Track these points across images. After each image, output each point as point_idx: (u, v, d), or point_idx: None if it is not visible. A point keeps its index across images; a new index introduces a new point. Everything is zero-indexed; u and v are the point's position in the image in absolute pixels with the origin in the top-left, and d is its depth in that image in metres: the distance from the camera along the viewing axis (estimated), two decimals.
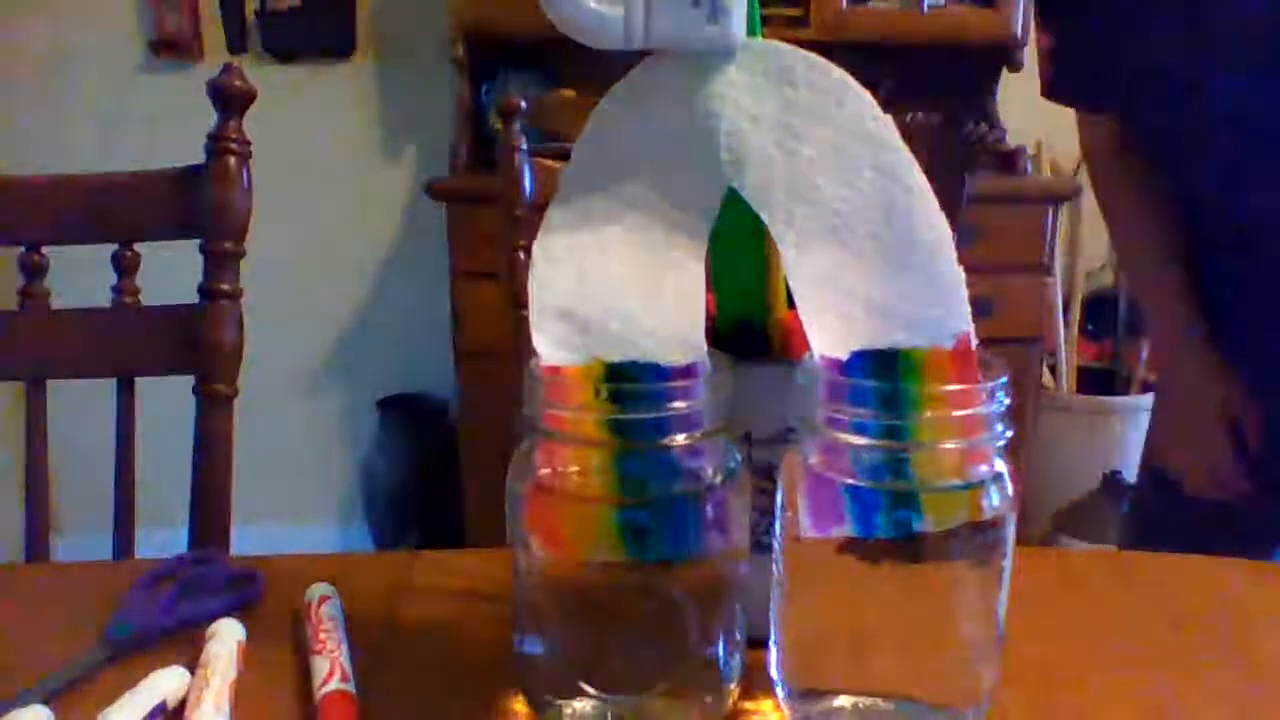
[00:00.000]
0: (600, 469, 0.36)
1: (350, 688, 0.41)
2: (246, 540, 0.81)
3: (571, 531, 0.37)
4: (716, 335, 0.40)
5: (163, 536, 0.82)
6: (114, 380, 0.78)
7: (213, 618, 0.46)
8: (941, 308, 0.36)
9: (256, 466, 1.92)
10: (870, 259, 0.37)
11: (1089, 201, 2.23)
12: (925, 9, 2.03)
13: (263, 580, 0.52)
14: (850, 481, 0.35)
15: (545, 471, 0.37)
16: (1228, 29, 0.75)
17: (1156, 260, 0.92)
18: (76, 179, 0.77)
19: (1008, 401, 0.35)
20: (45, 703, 0.40)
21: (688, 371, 0.37)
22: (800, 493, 0.36)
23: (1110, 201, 0.97)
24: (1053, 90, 0.93)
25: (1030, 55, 2.07)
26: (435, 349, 2.18)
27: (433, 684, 0.44)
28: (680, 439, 0.35)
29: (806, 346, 0.37)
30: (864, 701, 0.38)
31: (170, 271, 0.87)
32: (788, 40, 0.37)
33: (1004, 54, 2.11)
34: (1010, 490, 0.36)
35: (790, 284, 0.38)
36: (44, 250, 0.78)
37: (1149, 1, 0.78)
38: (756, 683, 0.41)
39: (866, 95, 0.37)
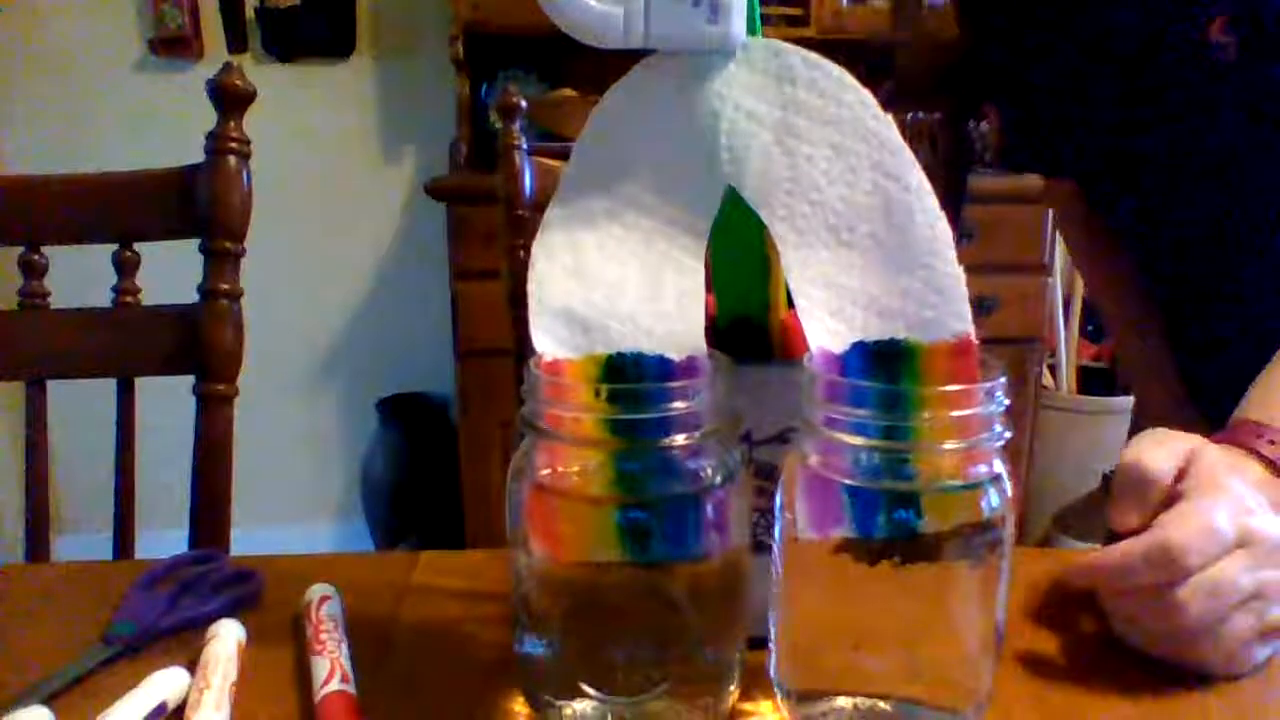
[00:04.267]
0: (600, 469, 0.36)
1: (350, 688, 0.41)
2: (246, 540, 0.82)
3: (571, 532, 0.37)
4: (716, 335, 0.40)
5: (163, 536, 0.82)
6: (114, 380, 0.78)
7: (213, 618, 0.46)
8: (941, 307, 0.36)
9: (256, 466, 1.92)
10: (870, 258, 0.37)
11: None
12: (925, 9, 2.03)
13: (262, 580, 0.52)
14: (850, 482, 0.35)
15: (545, 472, 0.37)
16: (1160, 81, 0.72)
17: (1135, 319, 0.89)
18: (76, 179, 0.77)
19: (1007, 402, 0.35)
20: (45, 703, 0.40)
21: (688, 371, 0.37)
22: (800, 493, 0.36)
23: (1079, 257, 0.96)
24: (1007, 160, 0.91)
25: None
26: (435, 349, 2.18)
27: (433, 684, 0.44)
28: (680, 439, 0.35)
29: (806, 347, 0.37)
30: (863, 702, 0.38)
31: (170, 271, 0.87)
32: (788, 39, 0.37)
33: None
34: (1009, 491, 0.36)
35: (790, 283, 0.38)
36: (44, 250, 0.78)
37: (1084, 72, 0.76)
38: (756, 683, 0.41)
39: (866, 94, 0.37)
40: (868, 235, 0.37)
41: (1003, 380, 0.35)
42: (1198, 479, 0.46)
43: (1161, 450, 0.48)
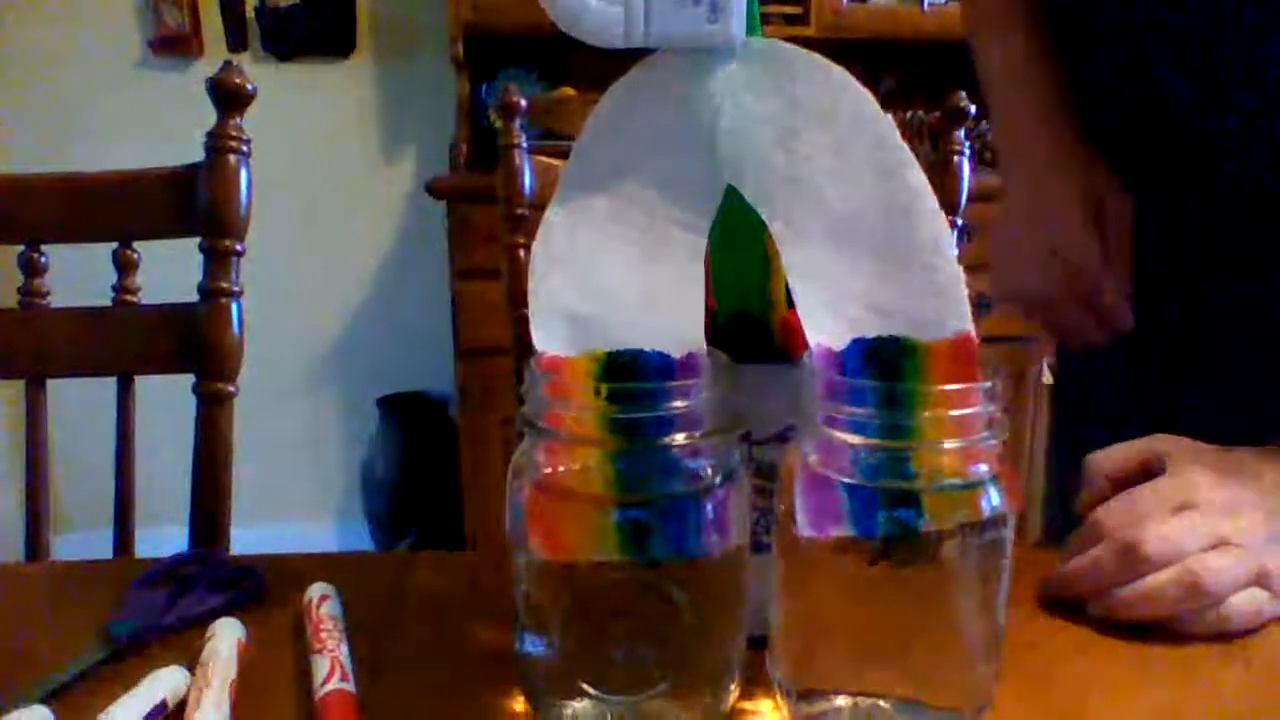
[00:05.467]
0: (600, 468, 0.36)
1: (350, 687, 0.41)
2: (246, 539, 0.82)
3: (571, 531, 0.37)
4: (716, 334, 0.40)
5: (163, 536, 0.82)
6: (114, 380, 0.78)
7: (212, 617, 0.46)
8: (941, 307, 0.36)
9: (256, 466, 1.92)
10: (870, 258, 0.37)
11: None
12: (925, 7, 2.03)
13: (263, 579, 0.52)
14: (850, 481, 0.35)
15: (545, 471, 0.37)
16: None
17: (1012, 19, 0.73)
18: (76, 178, 0.77)
19: (1006, 401, 0.35)
20: (45, 703, 0.40)
21: (688, 370, 0.37)
22: (800, 492, 0.36)
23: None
24: None
25: None
26: (435, 348, 2.18)
27: (433, 684, 0.44)
28: (680, 438, 0.35)
29: (806, 346, 0.37)
30: (863, 702, 0.38)
31: (170, 271, 0.87)
32: (788, 38, 0.37)
33: None
34: (1009, 490, 0.36)
35: (790, 283, 0.38)
36: (44, 249, 0.78)
37: None
38: (756, 683, 0.41)
39: (867, 93, 0.37)
40: (868, 235, 0.37)
41: (1002, 379, 0.35)
42: (1167, 471, 0.50)
43: (1118, 448, 0.53)
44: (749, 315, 0.44)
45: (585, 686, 0.38)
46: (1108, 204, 0.68)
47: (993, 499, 0.35)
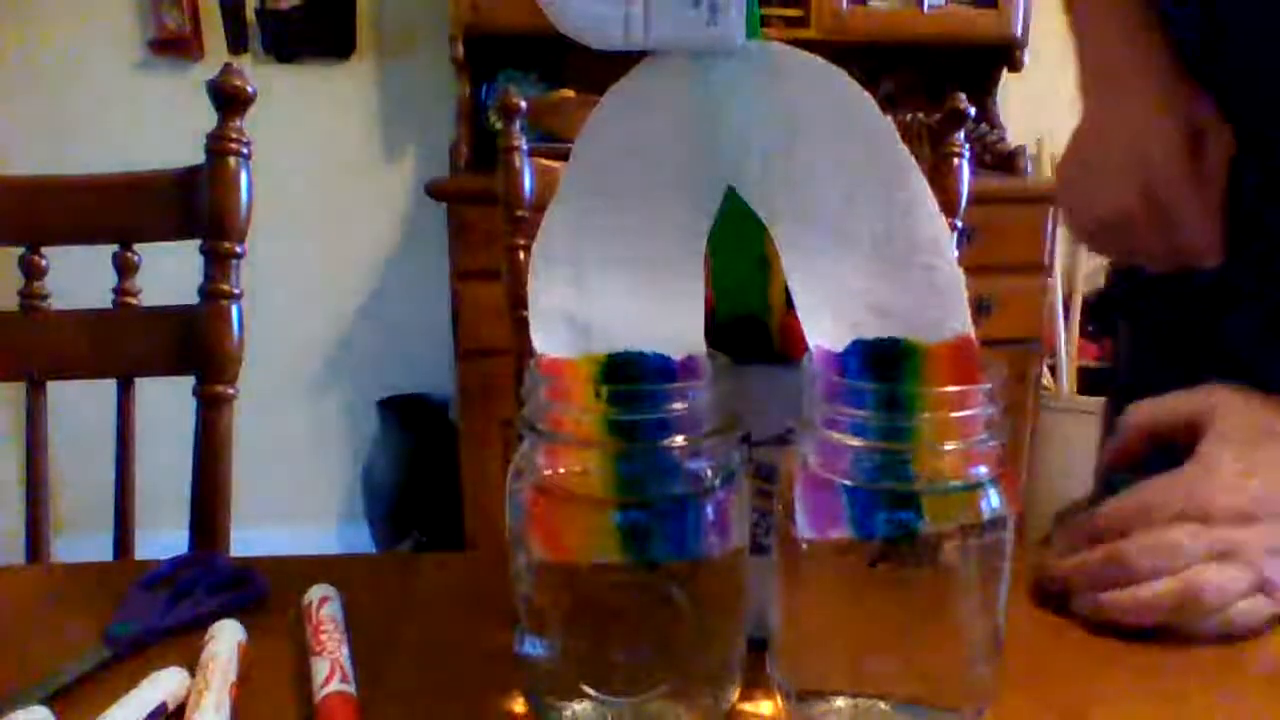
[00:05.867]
0: (600, 470, 0.36)
1: (350, 689, 0.41)
2: (246, 541, 0.81)
3: (571, 533, 0.37)
4: (716, 335, 0.40)
5: (163, 537, 0.82)
6: (114, 382, 0.78)
7: (213, 618, 0.46)
8: (941, 308, 0.36)
9: (256, 466, 1.92)
10: (870, 259, 0.37)
11: None
12: (925, 9, 2.03)
13: (263, 581, 0.52)
14: (849, 483, 0.35)
15: (545, 472, 0.37)
16: None
17: None
18: (76, 179, 0.77)
19: (1005, 403, 0.35)
20: (45, 703, 0.40)
21: (687, 372, 0.37)
22: (799, 494, 0.36)
23: None
24: None
25: (1030, 55, 2.07)
26: (435, 349, 2.18)
27: (433, 684, 0.44)
28: (680, 440, 0.35)
29: (806, 347, 0.37)
30: (863, 702, 0.38)
31: (170, 271, 0.87)
32: (788, 40, 0.37)
33: (1004, 54, 2.11)
34: (1009, 491, 0.36)
35: (790, 284, 0.38)
36: (44, 251, 0.78)
37: None
38: (756, 683, 0.41)
39: (867, 96, 0.37)
40: (868, 235, 0.37)
41: (1002, 381, 0.35)
42: (1202, 447, 0.49)
43: (1162, 399, 0.52)
44: (749, 317, 0.44)
45: (585, 688, 0.38)
46: (1208, 138, 0.64)
47: (992, 500, 0.35)
